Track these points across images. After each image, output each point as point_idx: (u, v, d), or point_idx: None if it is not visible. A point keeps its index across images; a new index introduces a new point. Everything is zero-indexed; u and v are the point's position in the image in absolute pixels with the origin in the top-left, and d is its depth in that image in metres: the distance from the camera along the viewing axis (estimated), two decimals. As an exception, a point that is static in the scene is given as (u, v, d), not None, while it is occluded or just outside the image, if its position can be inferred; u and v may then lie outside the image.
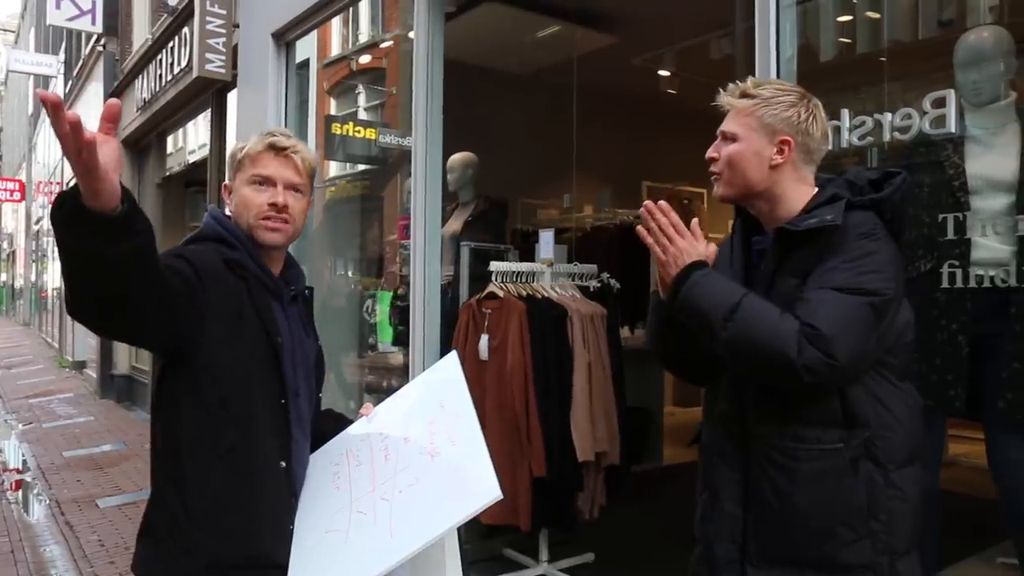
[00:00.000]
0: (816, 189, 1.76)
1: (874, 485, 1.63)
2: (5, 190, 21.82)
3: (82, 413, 9.68)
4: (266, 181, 1.77)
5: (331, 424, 1.97)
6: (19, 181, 22.76)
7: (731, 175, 1.75)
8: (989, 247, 2.45)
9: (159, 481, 1.73)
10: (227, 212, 1.83)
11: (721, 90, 1.80)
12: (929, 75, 2.82)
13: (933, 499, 2.43)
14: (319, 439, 1.91)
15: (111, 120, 1.28)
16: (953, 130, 2.47)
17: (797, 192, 1.74)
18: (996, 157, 2.53)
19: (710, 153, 1.80)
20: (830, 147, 1.87)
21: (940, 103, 2.46)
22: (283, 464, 1.75)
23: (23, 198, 22.96)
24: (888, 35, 3.22)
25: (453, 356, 1.95)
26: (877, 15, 3.26)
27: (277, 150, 1.78)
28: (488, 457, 1.66)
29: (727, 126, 1.77)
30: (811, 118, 1.73)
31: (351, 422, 1.97)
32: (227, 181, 1.85)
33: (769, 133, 1.71)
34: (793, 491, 1.64)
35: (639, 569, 4.06)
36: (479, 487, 1.60)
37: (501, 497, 1.57)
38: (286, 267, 1.89)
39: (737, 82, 1.80)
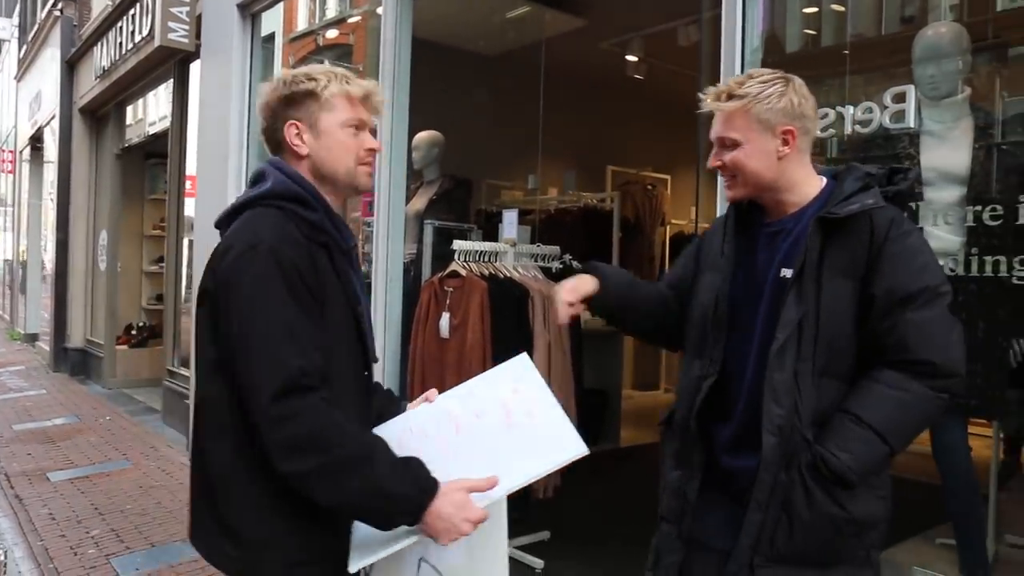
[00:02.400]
0: (821, 176, 1.80)
1: (872, 489, 1.69)
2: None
3: (34, 386, 9.49)
4: (362, 125, 1.67)
5: (386, 404, 1.86)
6: (-30, 148, 22.13)
7: (744, 178, 1.77)
8: (940, 237, 2.52)
9: (216, 470, 1.57)
10: (301, 152, 1.63)
11: (701, 96, 1.78)
12: (891, 70, 2.87)
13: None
14: (376, 419, 1.78)
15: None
16: (912, 125, 2.54)
17: (804, 175, 1.79)
18: (949, 150, 2.61)
19: (713, 163, 1.81)
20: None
21: (900, 98, 2.53)
22: None
23: (-26, 165, 22.35)
24: (852, 29, 3.28)
25: (524, 356, 1.84)
26: (842, 8, 3.31)
27: (369, 98, 1.68)
28: (570, 422, 1.64)
29: (723, 132, 1.76)
30: (802, 100, 1.75)
31: (400, 399, 1.92)
32: (292, 119, 1.63)
33: (770, 128, 1.72)
34: (839, 499, 1.64)
35: (594, 547, 4.13)
36: (565, 444, 1.62)
37: (588, 452, 1.60)
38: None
39: (716, 85, 1.79)
